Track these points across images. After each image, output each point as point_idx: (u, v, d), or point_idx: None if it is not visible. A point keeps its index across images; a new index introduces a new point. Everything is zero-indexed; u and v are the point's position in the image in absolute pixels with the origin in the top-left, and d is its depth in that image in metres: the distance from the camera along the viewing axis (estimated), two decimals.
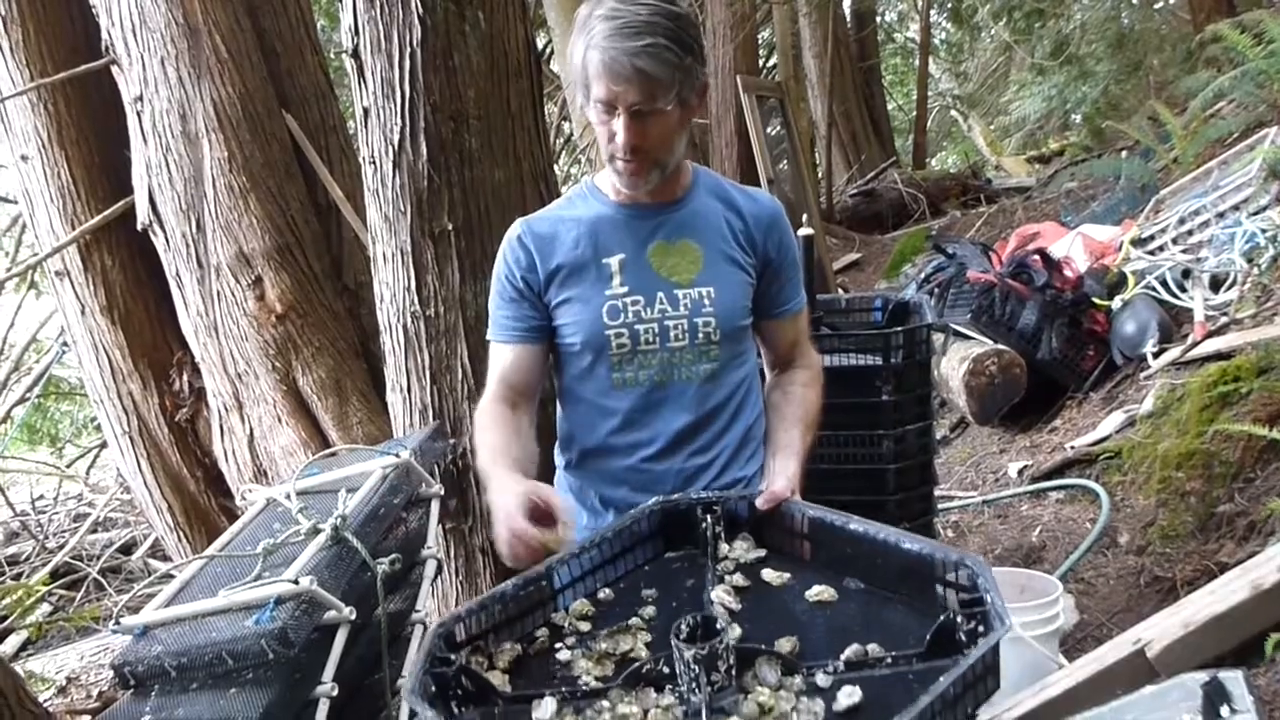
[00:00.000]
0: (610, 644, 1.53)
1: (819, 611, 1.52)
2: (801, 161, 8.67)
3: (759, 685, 1.36)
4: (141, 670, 2.07)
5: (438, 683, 1.41)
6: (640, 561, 1.74)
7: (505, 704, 1.43)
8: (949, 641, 1.33)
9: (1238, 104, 6.10)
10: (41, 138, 4.43)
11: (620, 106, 1.70)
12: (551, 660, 1.52)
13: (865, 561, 1.55)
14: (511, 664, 1.52)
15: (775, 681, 1.36)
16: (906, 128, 16.65)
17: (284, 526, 2.34)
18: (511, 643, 1.55)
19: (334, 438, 3.98)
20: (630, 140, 1.73)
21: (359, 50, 2.83)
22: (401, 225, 2.86)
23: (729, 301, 1.87)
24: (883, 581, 1.52)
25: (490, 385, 1.97)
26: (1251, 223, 4.28)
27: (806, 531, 1.65)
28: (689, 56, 1.72)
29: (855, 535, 1.56)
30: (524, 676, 1.50)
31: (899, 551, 1.49)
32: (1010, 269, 4.75)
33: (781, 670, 1.38)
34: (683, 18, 1.72)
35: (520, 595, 1.59)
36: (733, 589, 1.59)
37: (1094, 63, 10.55)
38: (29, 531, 6.66)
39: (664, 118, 1.73)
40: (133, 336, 4.55)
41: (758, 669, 1.38)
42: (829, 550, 1.61)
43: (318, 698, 2.05)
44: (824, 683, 1.35)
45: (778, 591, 1.59)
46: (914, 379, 2.68)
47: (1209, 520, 2.96)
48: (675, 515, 1.75)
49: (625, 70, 1.65)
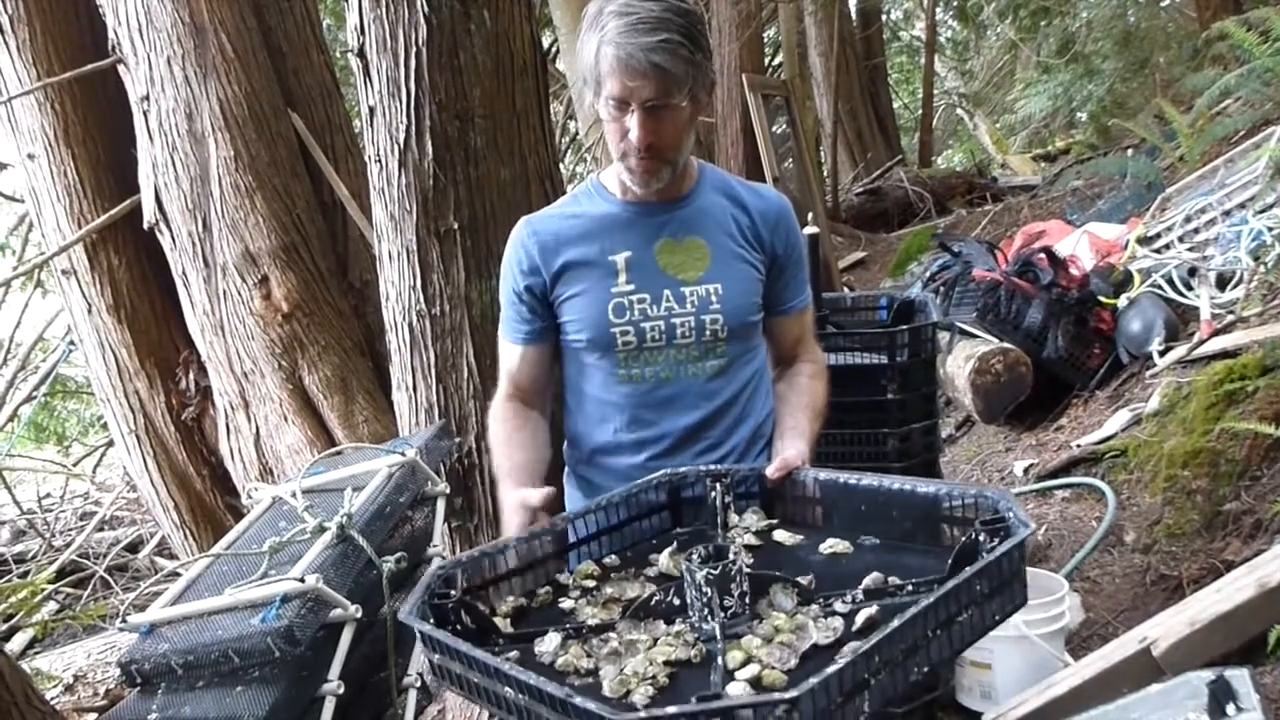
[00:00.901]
0: (617, 589, 1.51)
1: (834, 561, 1.49)
2: (807, 160, 8.66)
3: (774, 611, 1.33)
4: (148, 668, 2.07)
5: (437, 614, 1.39)
6: (648, 533, 1.73)
7: (507, 642, 1.41)
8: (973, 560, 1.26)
9: (1244, 102, 6.08)
10: (48, 136, 4.44)
11: (634, 103, 1.70)
12: (555, 609, 1.51)
13: (880, 516, 1.52)
14: (513, 611, 1.50)
15: (791, 608, 1.34)
16: (912, 126, 16.61)
17: (290, 525, 2.35)
18: (514, 596, 1.54)
19: (339, 436, 3.99)
20: (645, 137, 1.72)
21: (365, 49, 2.83)
22: (407, 224, 2.87)
23: (737, 298, 1.87)
24: (900, 533, 1.50)
25: (501, 383, 1.99)
26: (1258, 220, 4.27)
27: (818, 495, 1.63)
28: (700, 53, 1.72)
29: (868, 490, 1.54)
30: (525, 622, 1.48)
31: (915, 497, 1.47)
32: (1016, 267, 4.74)
33: (798, 600, 1.35)
34: (692, 14, 1.72)
35: (524, 549, 1.59)
36: (746, 548, 1.57)
37: (1100, 61, 10.51)
38: (36, 530, 6.68)
39: (677, 114, 1.73)
40: (139, 335, 4.57)
41: (773, 596, 1.36)
42: (842, 511, 1.59)
43: (323, 695, 2.06)
44: (841, 609, 1.32)
45: (790, 549, 1.57)
46: (919, 377, 2.68)
47: (1215, 518, 2.95)
48: (684, 491, 1.74)
49: (641, 65, 1.65)
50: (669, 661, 1.26)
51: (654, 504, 1.74)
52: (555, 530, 1.63)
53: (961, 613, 1.17)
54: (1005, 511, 1.31)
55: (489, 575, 1.54)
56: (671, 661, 1.26)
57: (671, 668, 1.25)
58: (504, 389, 1.98)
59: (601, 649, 1.32)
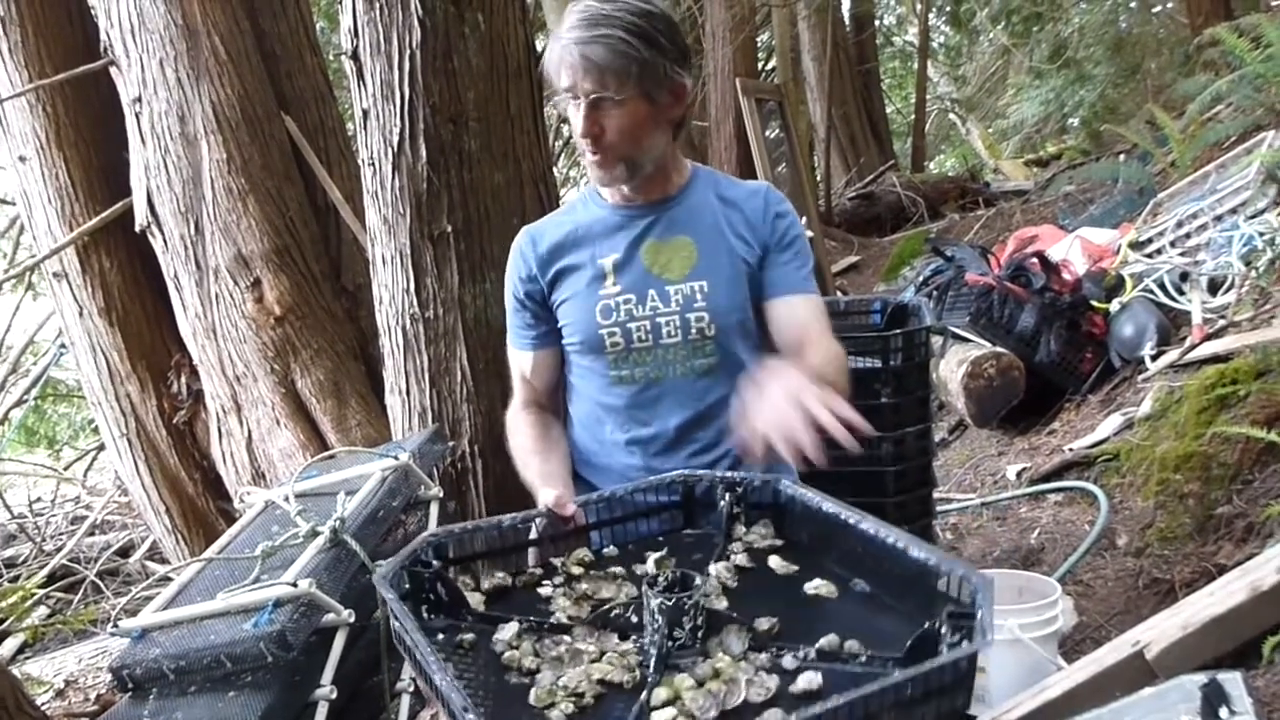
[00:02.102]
0: (592, 587, 1.54)
1: (813, 603, 1.47)
2: (800, 164, 8.68)
3: (721, 652, 1.33)
4: (140, 673, 2.07)
5: (412, 581, 1.43)
6: (656, 530, 1.73)
7: (474, 620, 1.45)
8: (932, 651, 1.23)
9: (1235, 107, 6.10)
10: (40, 139, 4.42)
11: (580, 96, 1.74)
12: (533, 594, 1.53)
13: (873, 564, 1.48)
14: (494, 589, 1.54)
15: (739, 652, 1.33)
16: (905, 131, 16.65)
17: (283, 529, 2.34)
18: (503, 573, 1.57)
19: (333, 440, 3.98)
20: (587, 128, 1.76)
21: (358, 52, 2.83)
22: (401, 227, 2.86)
23: (723, 296, 1.86)
24: (889, 587, 1.45)
25: (515, 390, 2.03)
26: (1249, 226, 4.28)
27: (821, 524, 1.60)
28: (653, 50, 1.73)
29: (864, 536, 1.49)
30: (502, 602, 1.52)
31: (905, 558, 1.41)
32: (1009, 272, 4.75)
33: (750, 645, 1.35)
34: (654, 15, 1.74)
35: (521, 529, 1.61)
36: (735, 568, 1.57)
37: (1092, 66, 10.56)
38: (26, 534, 6.65)
39: (621, 109, 1.75)
40: (131, 338, 4.55)
41: (724, 636, 1.36)
42: (841, 548, 1.55)
43: (316, 700, 2.05)
44: (789, 664, 1.30)
45: (779, 579, 1.55)
46: (913, 381, 2.69)
47: (1207, 522, 2.96)
48: (699, 494, 1.74)
49: (573, 58, 1.71)
50: (603, 680, 1.29)
51: (666, 503, 1.74)
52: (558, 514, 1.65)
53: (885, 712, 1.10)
54: (977, 607, 1.24)
55: (479, 549, 1.57)
56: (605, 681, 1.29)
57: (603, 688, 1.28)
58: (519, 396, 2.02)
59: (550, 651, 1.36)
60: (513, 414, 2.00)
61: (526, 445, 1.92)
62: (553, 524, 1.64)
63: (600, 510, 1.70)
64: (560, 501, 1.64)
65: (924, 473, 2.76)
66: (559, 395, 2.03)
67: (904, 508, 2.67)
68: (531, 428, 1.95)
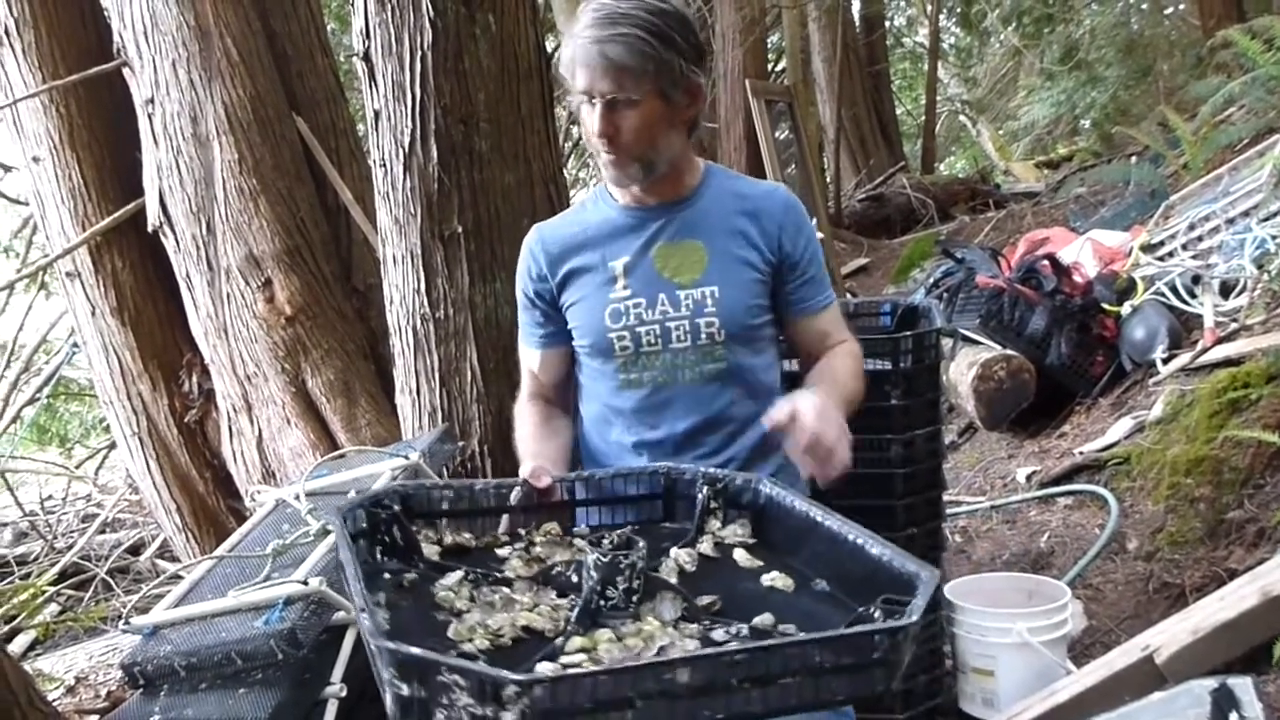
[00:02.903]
0: (546, 551, 1.54)
1: (766, 594, 1.45)
2: (810, 166, 8.67)
3: (652, 617, 1.33)
4: (151, 670, 2.08)
5: (369, 520, 1.45)
6: (633, 519, 1.73)
7: (425, 567, 1.45)
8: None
9: (1248, 109, 6.08)
10: (53, 139, 4.44)
11: (596, 95, 1.73)
12: (490, 554, 1.55)
13: (837, 565, 1.45)
14: (453, 546, 1.55)
15: (670, 620, 1.32)
16: (915, 132, 16.60)
17: (293, 527, 2.35)
18: (468, 534, 1.58)
19: (343, 440, 3.98)
20: (603, 129, 1.75)
21: (370, 53, 2.84)
22: (411, 228, 2.87)
23: (734, 302, 1.86)
24: (848, 588, 1.41)
25: (524, 382, 2.05)
26: (1262, 228, 4.26)
27: (794, 525, 1.59)
28: (669, 50, 1.72)
29: (829, 534, 1.47)
30: (457, 558, 1.52)
31: (863, 554, 1.39)
32: (1019, 274, 4.74)
33: (683, 615, 1.34)
34: (669, 14, 1.74)
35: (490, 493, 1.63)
36: (698, 555, 1.56)
37: (1103, 68, 10.51)
38: (37, 532, 6.67)
39: (637, 109, 1.74)
40: (143, 338, 4.57)
41: (658, 603, 1.35)
42: (811, 549, 1.53)
43: (326, 698, 2.06)
44: (718, 638, 1.27)
45: (739, 570, 1.54)
46: (923, 384, 2.68)
47: (1218, 526, 2.95)
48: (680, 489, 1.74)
49: (592, 57, 1.70)
50: (526, 627, 1.29)
51: (647, 492, 1.74)
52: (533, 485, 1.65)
53: (788, 675, 1.07)
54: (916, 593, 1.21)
55: (446, 506, 1.58)
56: (528, 628, 1.29)
57: (526, 634, 1.28)
58: (526, 389, 2.03)
59: (485, 598, 1.36)
60: (519, 406, 2.02)
61: (527, 433, 1.93)
62: (528, 495, 1.65)
63: (578, 488, 1.70)
64: (536, 472, 1.65)
65: (933, 475, 2.75)
66: (568, 391, 2.03)
67: (913, 510, 2.66)
68: (534, 417, 1.97)
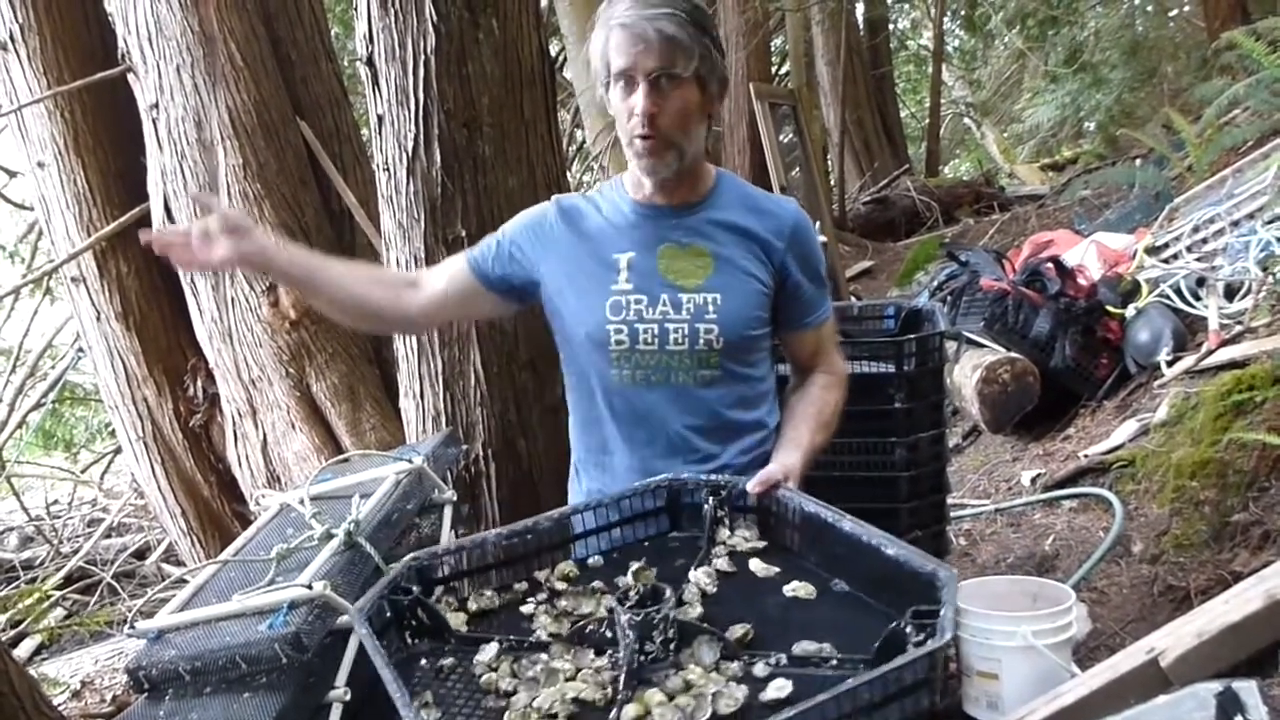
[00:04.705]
0: (573, 603, 1.56)
1: (792, 606, 1.49)
2: (814, 169, 8.67)
3: (693, 663, 1.35)
4: (156, 674, 2.08)
5: (393, 609, 1.47)
6: (642, 536, 1.75)
7: (457, 642, 1.48)
8: (899, 650, 1.25)
9: (1252, 112, 6.06)
10: (58, 145, 4.46)
11: (639, 75, 1.72)
12: (516, 613, 1.56)
13: (853, 564, 1.50)
14: (480, 610, 1.57)
15: (711, 663, 1.35)
16: (919, 135, 16.60)
17: (298, 532, 2.35)
18: (492, 590, 1.60)
19: (347, 443, 3.99)
20: (648, 107, 1.73)
21: (373, 58, 2.84)
22: (415, 232, 2.87)
23: (735, 311, 1.85)
24: (867, 586, 1.47)
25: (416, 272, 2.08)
26: (1266, 231, 4.25)
27: (802, 526, 1.62)
28: (707, 38, 1.75)
29: (844, 535, 1.52)
30: (484, 622, 1.55)
31: (880, 556, 1.44)
32: (1024, 277, 4.73)
33: (722, 654, 1.36)
34: (699, 8, 1.76)
35: (504, 544, 1.64)
36: (715, 573, 1.58)
37: (1108, 70, 10.50)
38: (43, 536, 6.69)
39: (682, 91, 1.74)
40: (148, 342, 4.58)
41: (696, 648, 1.37)
42: (822, 548, 1.57)
43: (331, 702, 2.06)
44: (761, 673, 1.32)
45: (759, 582, 1.57)
46: (927, 386, 2.68)
47: (1223, 529, 2.94)
48: (684, 497, 1.76)
49: (646, 32, 1.69)
50: (577, 699, 1.31)
51: (652, 508, 1.76)
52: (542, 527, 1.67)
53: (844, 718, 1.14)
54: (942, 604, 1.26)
55: (461, 568, 1.60)
56: (579, 700, 1.31)
57: (576, 706, 1.31)
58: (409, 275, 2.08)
59: (527, 671, 1.38)
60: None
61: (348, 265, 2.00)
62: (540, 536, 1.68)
63: (586, 520, 1.72)
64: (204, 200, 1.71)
65: (938, 478, 2.75)
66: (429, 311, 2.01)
67: (917, 513, 2.66)
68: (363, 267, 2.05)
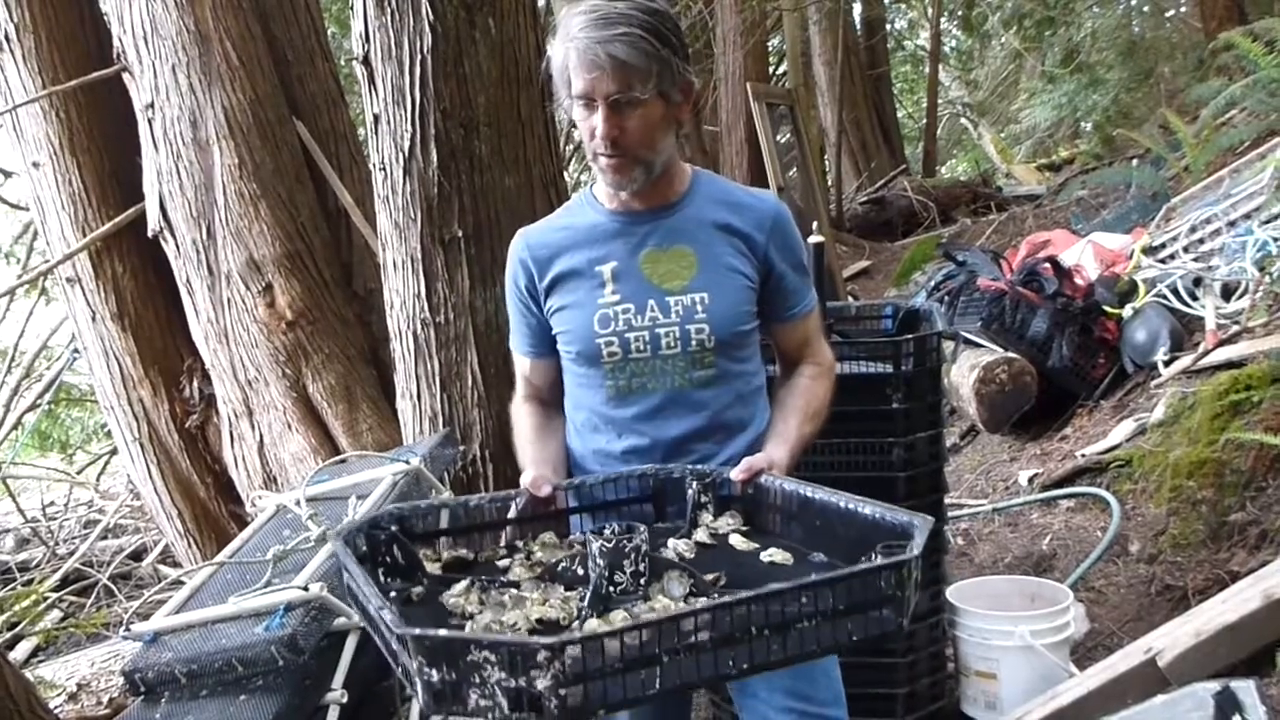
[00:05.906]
0: (546, 554, 1.57)
1: (767, 569, 1.49)
2: (811, 169, 8.67)
3: (662, 595, 1.35)
4: (152, 677, 2.07)
5: (369, 543, 1.46)
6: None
7: (430, 583, 1.47)
8: None
9: (1249, 112, 6.08)
10: (53, 145, 4.45)
11: (598, 97, 1.70)
12: (490, 566, 1.56)
13: (831, 532, 1.50)
14: (453, 560, 1.56)
15: (679, 595, 1.35)
16: (916, 135, 16.61)
17: (294, 533, 2.35)
18: (466, 550, 1.60)
19: (344, 444, 3.99)
20: (609, 131, 1.72)
21: (370, 57, 2.84)
22: (412, 232, 2.87)
23: (724, 308, 1.84)
24: (845, 553, 1.45)
25: (518, 386, 2.05)
26: (1263, 231, 4.26)
27: (783, 506, 1.63)
28: (666, 49, 1.71)
29: (821, 505, 1.53)
30: (457, 570, 1.54)
31: (857, 518, 1.45)
32: (1021, 277, 4.73)
33: (691, 589, 1.36)
34: (660, 13, 1.73)
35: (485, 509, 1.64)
36: (695, 544, 1.58)
37: (1105, 71, 10.52)
38: (39, 538, 6.68)
39: (642, 109, 1.72)
40: (143, 343, 4.57)
41: (665, 582, 1.38)
42: (802, 524, 1.58)
43: (328, 704, 2.05)
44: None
45: (737, 553, 1.57)
46: (924, 386, 2.68)
47: (1220, 529, 2.95)
48: (669, 489, 1.76)
49: (599, 58, 1.67)
50: (540, 619, 1.31)
51: (637, 495, 1.76)
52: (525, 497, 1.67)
53: (804, 619, 1.14)
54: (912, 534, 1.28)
55: (443, 525, 1.60)
56: (542, 620, 1.31)
57: (540, 626, 1.30)
58: (520, 390, 2.04)
59: (495, 599, 1.37)
60: (515, 407, 2.03)
61: (524, 435, 1.95)
62: (530, 505, 1.67)
63: (569, 497, 1.72)
64: (537, 482, 1.68)
65: (935, 478, 2.74)
66: (562, 391, 2.02)
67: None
68: (531, 418, 1.98)
